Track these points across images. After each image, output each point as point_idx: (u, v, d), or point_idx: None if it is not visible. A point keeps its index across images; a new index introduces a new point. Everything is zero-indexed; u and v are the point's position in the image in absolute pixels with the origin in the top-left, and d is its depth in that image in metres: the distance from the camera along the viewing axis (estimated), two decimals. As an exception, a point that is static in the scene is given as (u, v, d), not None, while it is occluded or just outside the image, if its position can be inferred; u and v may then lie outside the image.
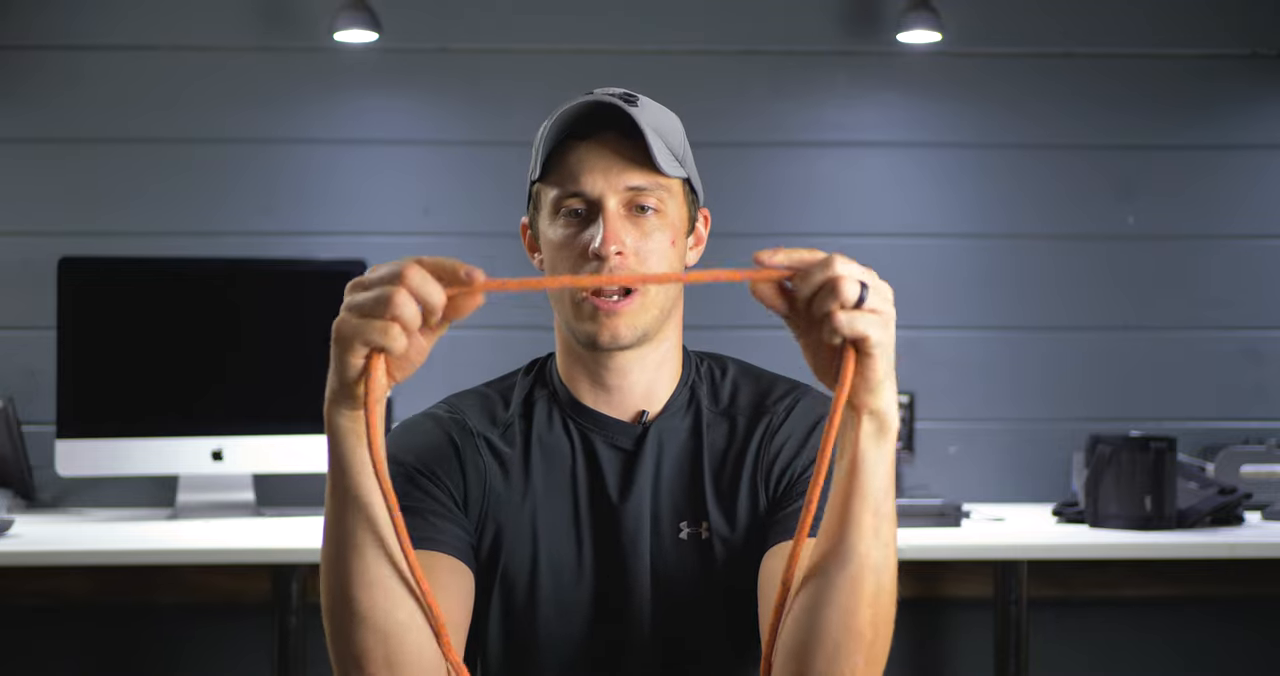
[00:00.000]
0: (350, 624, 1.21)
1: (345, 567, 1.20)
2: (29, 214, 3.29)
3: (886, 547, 1.19)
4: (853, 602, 1.18)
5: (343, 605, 1.21)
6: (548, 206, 1.45)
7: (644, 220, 1.43)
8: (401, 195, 3.33)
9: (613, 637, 1.44)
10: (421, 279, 1.10)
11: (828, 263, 1.11)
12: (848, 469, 1.17)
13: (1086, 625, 3.23)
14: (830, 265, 1.11)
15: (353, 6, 3.18)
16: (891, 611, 1.21)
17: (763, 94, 3.36)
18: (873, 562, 1.18)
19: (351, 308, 1.12)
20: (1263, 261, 3.42)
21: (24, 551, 2.59)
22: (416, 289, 1.10)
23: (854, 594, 1.18)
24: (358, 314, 1.11)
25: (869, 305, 1.11)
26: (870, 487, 1.17)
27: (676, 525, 1.45)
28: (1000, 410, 3.38)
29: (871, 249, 3.37)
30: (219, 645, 3.13)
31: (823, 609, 1.19)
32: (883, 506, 1.18)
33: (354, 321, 1.12)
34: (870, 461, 1.16)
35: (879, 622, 1.20)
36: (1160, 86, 3.41)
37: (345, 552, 1.20)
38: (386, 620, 1.21)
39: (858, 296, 1.10)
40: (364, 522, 1.19)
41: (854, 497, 1.17)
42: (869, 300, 1.11)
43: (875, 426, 1.16)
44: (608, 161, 1.42)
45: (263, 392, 3.07)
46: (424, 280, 1.10)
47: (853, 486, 1.17)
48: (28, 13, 3.29)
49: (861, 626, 1.19)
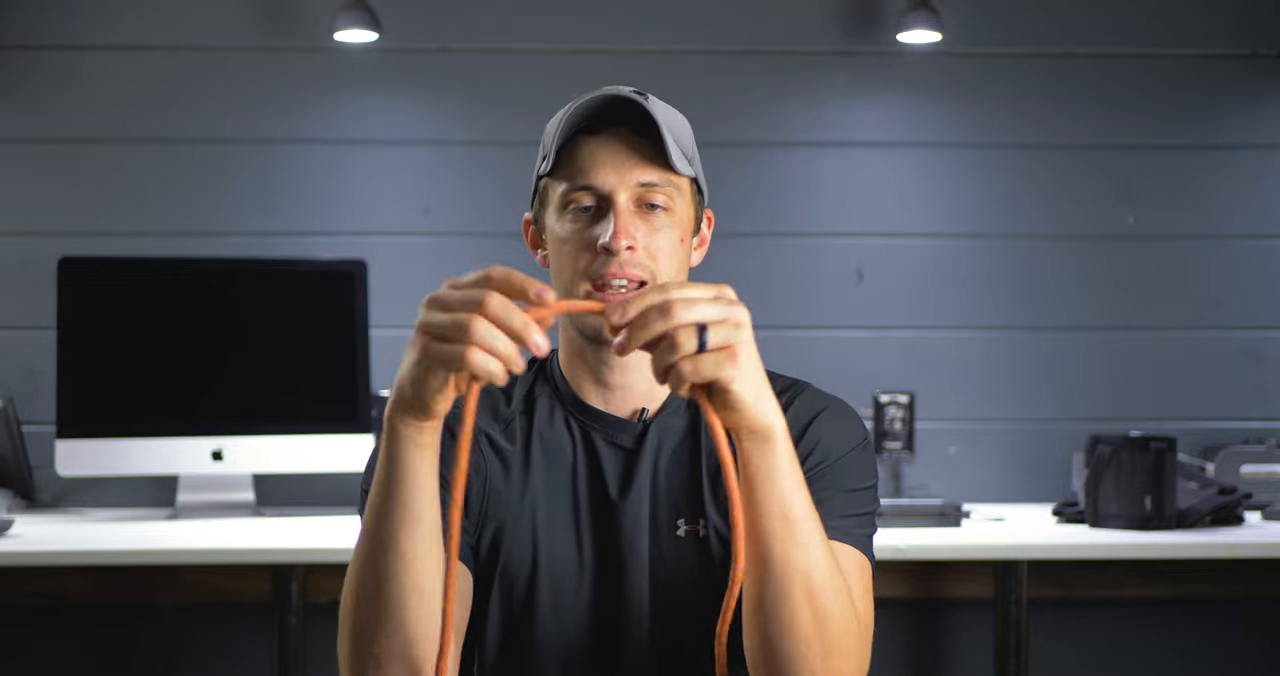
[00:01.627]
0: (377, 624, 1.22)
1: (383, 569, 1.21)
2: (29, 214, 3.29)
3: (807, 548, 1.20)
4: (788, 610, 1.21)
5: (372, 605, 1.22)
6: (556, 200, 1.45)
7: (653, 217, 1.43)
8: (401, 195, 3.33)
9: (611, 635, 1.44)
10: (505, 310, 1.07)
11: (663, 311, 1.08)
12: (745, 484, 1.18)
13: (1086, 625, 3.22)
14: (666, 314, 1.08)
15: (353, 6, 3.18)
16: (840, 602, 1.23)
17: (763, 94, 3.36)
18: (797, 566, 1.20)
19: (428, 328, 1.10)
20: (1263, 261, 3.41)
21: (24, 551, 2.59)
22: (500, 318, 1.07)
23: (786, 602, 1.20)
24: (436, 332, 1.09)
25: (712, 345, 1.09)
26: (770, 496, 1.18)
27: (675, 523, 1.45)
28: (1001, 410, 3.38)
29: (871, 249, 3.37)
30: (219, 645, 3.13)
31: (764, 621, 1.22)
32: (790, 511, 1.19)
33: (437, 347, 1.09)
34: (762, 472, 1.17)
35: (825, 619, 1.22)
36: (1160, 86, 3.41)
37: (385, 554, 1.20)
38: (416, 624, 1.21)
39: (696, 345, 1.08)
40: (410, 528, 1.19)
41: (758, 508, 1.18)
42: (711, 340, 1.08)
43: (756, 440, 1.16)
44: (620, 156, 1.42)
45: (263, 392, 3.07)
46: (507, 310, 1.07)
47: (754, 498, 1.18)
48: (28, 12, 3.29)
49: (805, 630, 1.21)
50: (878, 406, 3.27)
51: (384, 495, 1.20)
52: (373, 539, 1.21)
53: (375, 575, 1.21)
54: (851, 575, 1.36)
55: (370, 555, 1.22)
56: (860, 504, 1.43)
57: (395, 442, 1.18)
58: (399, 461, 1.18)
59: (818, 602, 1.21)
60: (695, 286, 1.10)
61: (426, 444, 1.18)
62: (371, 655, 1.22)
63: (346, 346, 3.07)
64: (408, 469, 1.18)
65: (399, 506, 1.19)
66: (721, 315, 1.10)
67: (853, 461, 1.45)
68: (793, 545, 1.20)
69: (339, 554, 2.61)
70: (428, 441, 1.18)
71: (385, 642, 1.22)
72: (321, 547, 2.64)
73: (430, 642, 1.22)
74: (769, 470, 1.18)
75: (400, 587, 1.21)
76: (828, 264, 3.37)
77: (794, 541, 1.19)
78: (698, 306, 1.09)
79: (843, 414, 1.49)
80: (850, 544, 1.39)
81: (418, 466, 1.18)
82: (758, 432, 1.16)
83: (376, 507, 1.21)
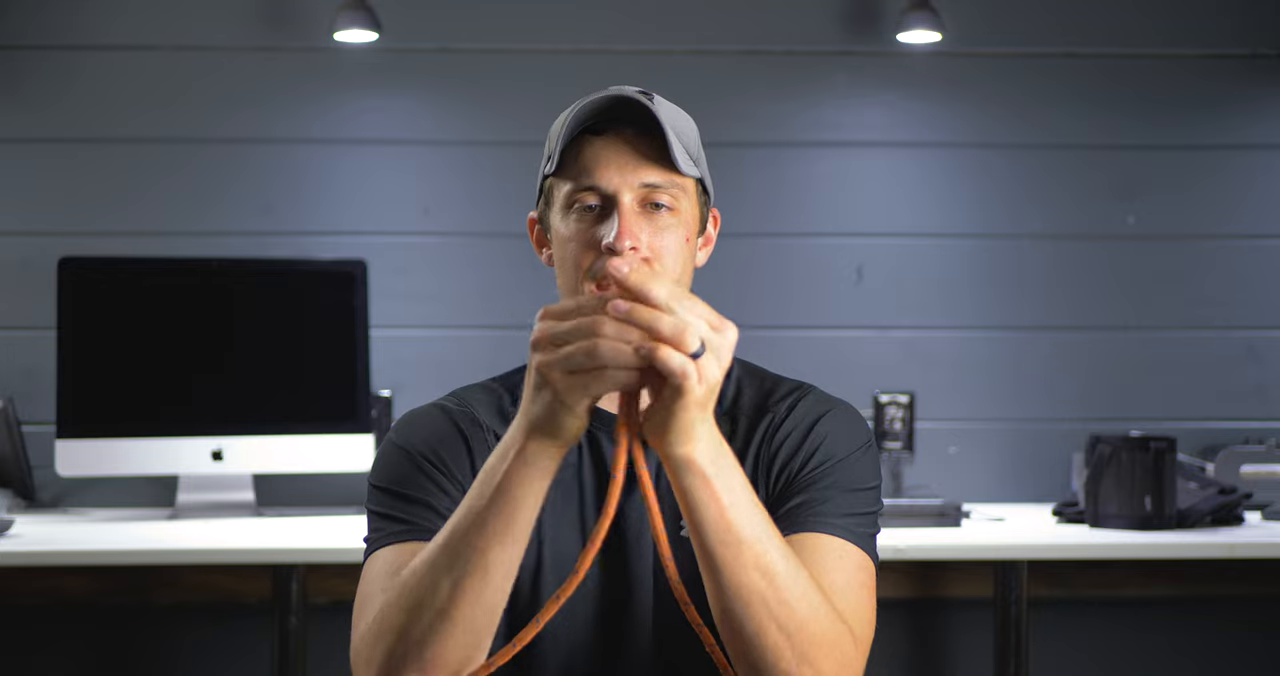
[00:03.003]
0: (438, 632, 1.23)
1: (464, 583, 1.21)
2: (29, 214, 3.29)
3: (755, 570, 1.21)
4: (753, 623, 1.23)
5: (440, 614, 1.23)
6: (560, 200, 1.45)
7: (658, 217, 1.43)
8: (401, 195, 3.33)
9: (615, 634, 1.44)
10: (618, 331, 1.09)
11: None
12: (685, 515, 1.20)
13: (1086, 625, 3.22)
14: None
15: (353, 6, 3.18)
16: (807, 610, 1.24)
17: (762, 94, 3.36)
18: (752, 588, 1.22)
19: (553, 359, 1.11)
20: (1262, 261, 3.41)
21: (24, 551, 2.59)
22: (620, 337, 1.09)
23: (749, 620, 1.22)
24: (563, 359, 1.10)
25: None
26: (703, 522, 1.20)
27: (678, 524, 1.45)
28: (1000, 410, 3.38)
29: (872, 249, 3.37)
30: (219, 645, 3.13)
31: (730, 634, 1.24)
32: (727, 535, 1.20)
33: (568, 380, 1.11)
34: (690, 497, 1.19)
35: (793, 628, 1.23)
36: (1160, 86, 3.41)
37: (470, 567, 1.21)
38: (477, 637, 1.23)
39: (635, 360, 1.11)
40: (502, 549, 1.21)
41: (696, 532, 1.21)
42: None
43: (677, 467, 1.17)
44: (625, 157, 1.42)
45: (263, 392, 3.07)
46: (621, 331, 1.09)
47: (690, 521, 1.21)
48: (28, 12, 3.29)
49: (772, 640, 1.23)
50: (878, 406, 3.27)
51: (488, 511, 1.20)
52: (456, 550, 1.22)
53: (453, 585, 1.22)
54: (850, 573, 1.37)
55: (450, 565, 1.22)
56: (863, 503, 1.44)
57: (520, 464, 1.18)
58: (514, 481, 1.19)
59: (781, 616, 1.23)
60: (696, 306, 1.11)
61: (549, 470, 1.19)
62: (421, 658, 1.23)
63: (346, 346, 3.07)
64: (520, 490, 1.19)
65: (502, 524, 1.20)
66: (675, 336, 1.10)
67: (855, 462, 1.46)
68: (741, 567, 1.21)
69: (339, 554, 2.61)
70: (552, 467, 1.19)
71: (440, 650, 1.23)
72: (321, 547, 2.64)
73: (478, 652, 1.25)
74: (695, 496, 1.19)
75: (475, 602, 1.22)
76: (828, 264, 3.37)
77: (741, 563, 1.21)
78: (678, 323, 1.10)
79: (847, 415, 1.50)
80: (853, 542, 1.40)
81: (531, 490, 1.19)
82: (671, 459, 1.17)
83: (474, 521, 1.21)
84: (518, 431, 1.18)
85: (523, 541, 1.22)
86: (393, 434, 1.48)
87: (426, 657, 1.23)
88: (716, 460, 1.18)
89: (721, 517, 1.20)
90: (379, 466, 1.46)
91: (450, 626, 1.23)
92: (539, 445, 1.17)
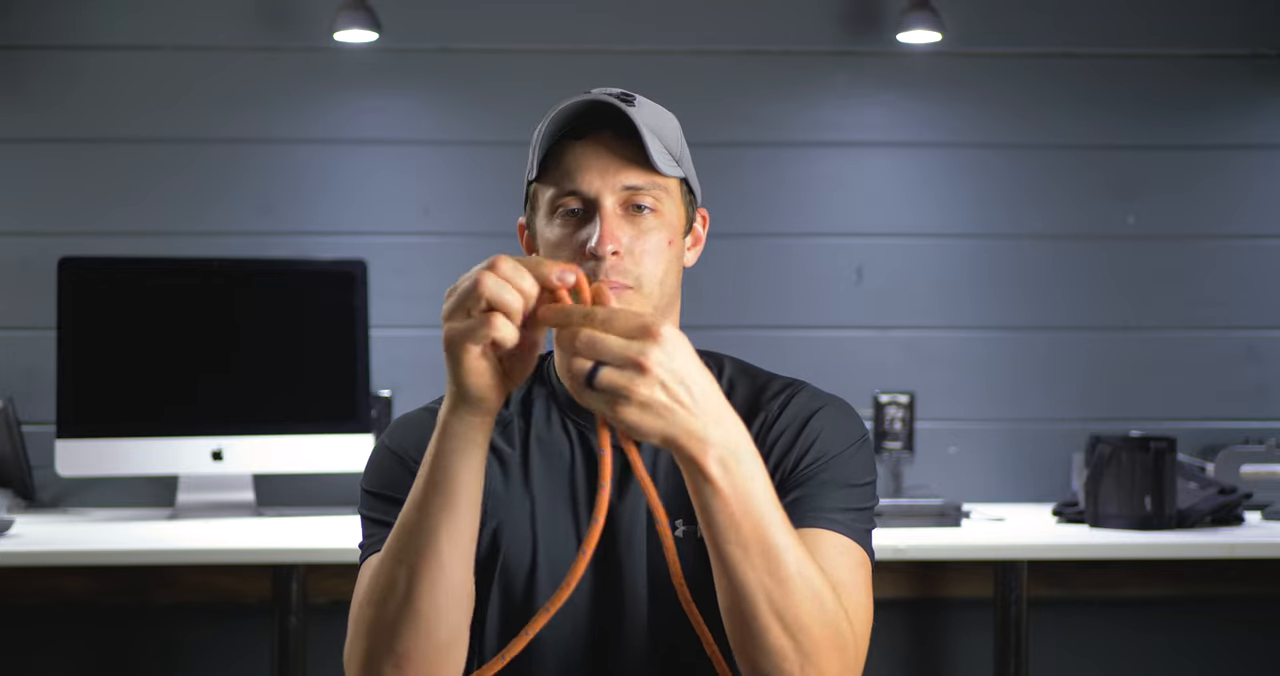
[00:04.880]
0: (404, 621, 1.23)
1: (419, 567, 1.22)
2: (29, 214, 3.29)
3: (764, 571, 1.21)
4: (758, 624, 1.22)
5: (402, 603, 1.23)
6: (544, 206, 1.45)
7: (641, 219, 1.43)
8: (401, 195, 3.33)
9: (610, 635, 1.44)
10: (513, 268, 1.13)
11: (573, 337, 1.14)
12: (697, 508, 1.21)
13: (1086, 625, 3.22)
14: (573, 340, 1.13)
15: (353, 6, 3.18)
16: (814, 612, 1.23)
17: (762, 94, 3.36)
18: (759, 588, 1.21)
19: (448, 313, 1.15)
20: (1263, 261, 3.41)
21: (24, 551, 2.59)
22: (508, 276, 1.13)
23: (755, 617, 1.22)
24: (455, 315, 1.14)
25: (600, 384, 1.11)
26: (712, 525, 1.20)
27: (674, 523, 1.45)
28: (1000, 410, 3.38)
29: (872, 249, 3.37)
30: (219, 645, 3.13)
31: (735, 633, 1.24)
32: (738, 534, 1.20)
33: (456, 325, 1.14)
34: (700, 500, 1.19)
35: (798, 630, 1.23)
36: (1160, 86, 3.41)
37: (422, 552, 1.22)
38: (442, 626, 1.23)
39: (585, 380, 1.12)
40: (450, 529, 1.21)
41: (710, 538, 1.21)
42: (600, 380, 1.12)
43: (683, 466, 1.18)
44: (604, 161, 1.42)
45: (263, 392, 3.07)
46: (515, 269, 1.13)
47: (702, 522, 1.21)
48: (30, 12, 3.29)
49: (776, 642, 1.23)
50: (878, 406, 3.27)
51: (429, 493, 1.21)
52: (409, 536, 1.23)
53: (409, 573, 1.23)
54: (850, 570, 1.37)
55: (405, 552, 1.23)
56: (859, 499, 1.44)
57: (447, 440, 1.20)
58: (449, 461, 1.20)
59: (787, 617, 1.23)
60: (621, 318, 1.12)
61: (477, 442, 1.20)
62: (393, 652, 1.24)
63: (346, 346, 3.07)
64: (458, 468, 1.20)
65: (443, 505, 1.21)
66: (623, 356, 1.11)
67: (850, 457, 1.46)
68: (749, 566, 1.21)
69: (339, 554, 2.61)
70: (478, 439, 1.20)
71: (410, 641, 1.23)
72: (321, 547, 2.64)
73: (453, 649, 1.24)
74: (703, 500, 1.19)
75: (433, 587, 1.23)
76: (828, 264, 3.37)
77: (749, 562, 1.21)
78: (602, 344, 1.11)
79: (840, 411, 1.50)
80: (849, 537, 1.40)
81: (465, 465, 1.20)
82: (678, 458, 1.17)
83: (418, 504, 1.22)
84: (443, 409, 1.20)
85: (469, 520, 1.22)
86: (384, 438, 1.49)
87: (399, 651, 1.24)
88: (724, 460, 1.18)
89: (723, 522, 1.20)
90: (370, 471, 1.47)
91: (415, 616, 1.23)
92: (457, 417, 1.19)
